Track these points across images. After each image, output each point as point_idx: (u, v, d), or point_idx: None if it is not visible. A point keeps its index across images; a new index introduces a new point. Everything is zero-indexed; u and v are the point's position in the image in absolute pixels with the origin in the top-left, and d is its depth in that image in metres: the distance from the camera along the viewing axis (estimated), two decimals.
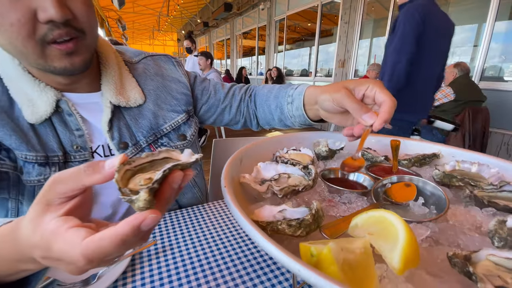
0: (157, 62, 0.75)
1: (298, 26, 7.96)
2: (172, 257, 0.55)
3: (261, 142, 0.57)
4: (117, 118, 0.65)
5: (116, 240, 0.22)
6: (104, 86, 0.63)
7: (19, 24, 0.44)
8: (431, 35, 1.53)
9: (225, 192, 0.33)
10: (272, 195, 0.40)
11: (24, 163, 0.56)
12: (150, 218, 0.23)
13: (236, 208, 0.28)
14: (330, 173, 0.47)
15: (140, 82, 0.69)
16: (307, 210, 0.33)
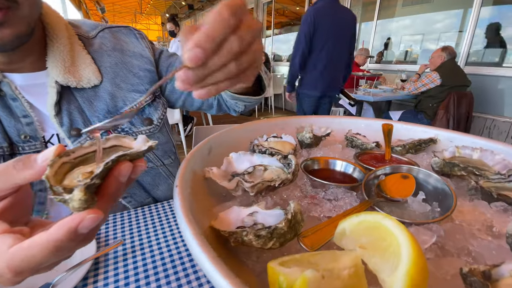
0: (115, 35, 0.65)
1: (286, 9, 7.72)
2: (142, 258, 0.49)
3: (236, 128, 0.49)
4: (67, 100, 0.55)
5: (48, 247, 0.19)
6: (50, 63, 0.53)
7: None
8: (324, 32, 1.95)
9: (176, 193, 0.25)
10: (243, 193, 0.33)
11: None
12: (88, 219, 0.20)
13: (184, 218, 0.21)
14: (314, 164, 0.40)
15: (96, 60, 0.60)
16: (282, 213, 0.26)
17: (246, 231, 0.23)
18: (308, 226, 0.26)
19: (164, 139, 0.70)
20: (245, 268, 0.23)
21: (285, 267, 0.18)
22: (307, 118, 0.57)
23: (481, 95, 3.09)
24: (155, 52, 0.71)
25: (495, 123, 3.12)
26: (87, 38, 0.61)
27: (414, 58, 4.43)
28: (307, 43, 2.01)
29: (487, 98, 3.12)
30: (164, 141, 0.70)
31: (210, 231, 0.25)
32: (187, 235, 0.19)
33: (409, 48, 4.56)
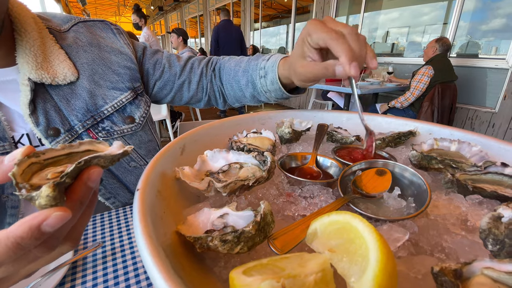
0: (91, 30, 0.61)
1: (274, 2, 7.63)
2: (122, 260, 0.47)
3: (213, 124, 0.47)
4: (42, 98, 0.52)
5: (7, 244, 0.18)
6: (20, 59, 0.50)
7: None
8: (224, 37, 3.58)
9: (136, 198, 0.23)
10: (216, 193, 0.31)
11: None
12: (54, 217, 0.19)
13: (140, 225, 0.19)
14: (292, 160, 0.39)
15: (70, 55, 0.56)
16: (252, 215, 0.25)
17: (211, 236, 0.22)
18: (283, 225, 0.25)
19: (147, 138, 0.68)
20: (211, 276, 0.21)
21: (247, 275, 0.17)
22: (289, 112, 0.55)
23: (464, 86, 3.16)
24: (136, 48, 0.67)
25: (477, 114, 3.21)
26: (59, 31, 0.57)
27: (401, 51, 4.48)
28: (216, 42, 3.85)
29: (470, 89, 3.20)
30: (148, 139, 0.68)
31: (176, 236, 0.24)
32: (141, 247, 0.17)
33: (396, 41, 4.61)
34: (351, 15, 4.93)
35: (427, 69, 2.69)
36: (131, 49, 0.65)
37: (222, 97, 0.75)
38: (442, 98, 2.76)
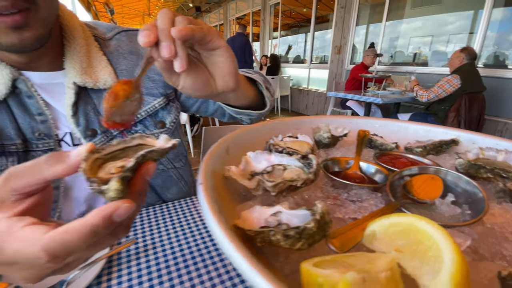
0: (132, 39, 0.66)
1: (293, 11, 7.72)
2: (154, 257, 0.49)
3: (251, 128, 0.48)
4: (84, 101, 0.56)
5: (85, 232, 0.20)
6: (67, 64, 0.54)
7: None
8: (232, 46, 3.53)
9: (200, 190, 0.25)
10: (263, 192, 0.32)
11: None
12: (123, 208, 0.21)
13: (212, 214, 0.20)
14: (334, 164, 0.39)
15: (112, 61, 0.60)
16: (308, 214, 0.25)
17: (273, 231, 0.22)
18: (335, 227, 0.25)
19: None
20: (274, 268, 0.22)
21: (320, 268, 0.18)
22: (322, 118, 0.56)
23: (494, 97, 3.02)
24: None
25: (507, 127, 3.04)
26: (103, 39, 0.62)
27: (423, 60, 4.37)
28: None
29: (500, 100, 3.05)
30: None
31: (233, 230, 0.25)
32: (218, 234, 0.18)
33: (418, 50, 4.51)
34: (372, 24, 4.90)
35: (452, 77, 2.60)
36: None
37: None
38: (469, 109, 2.65)
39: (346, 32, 4.82)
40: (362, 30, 4.89)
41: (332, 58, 5.21)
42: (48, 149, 0.53)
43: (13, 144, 0.50)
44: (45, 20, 0.45)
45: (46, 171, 0.22)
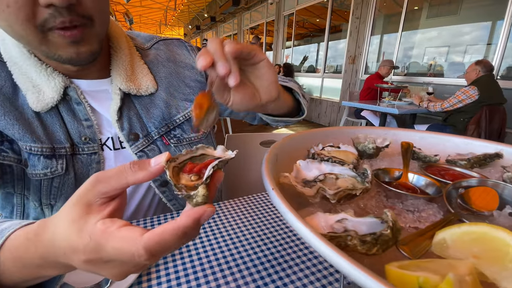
0: (169, 47, 0.70)
1: (306, 21, 7.82)
2: (188, 254, 0.52)
3: (293, 137, 0.50)
4: (127, 107, 0.59)
5: (179, 233, 0.22)
6: (114, 72, 0.58)
7: (15, 5, 0.39)
8: None
9: (274, 196, 0.27)
10: (321, 200, 0.34)
11: (29, 155, 0.51)
12: (208, 212, 0.23)
13: (297, 218, 0.22)
14: (384, 175, 0.40)
15: (152, 69, 0.64)
16: (378, 221, 0.27)
17: (350, 235, 0.24)
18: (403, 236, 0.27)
19: None
20: None
21: (408, 270, 0.19)
22: (360, 129, 0.57)
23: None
24: None
25: None
26: (143, 49, 0.66)
27: (438, 71, 4.32)
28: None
29: None
30: None
31: None
32: (312, 239, 0.20)
33: (432, 61, 4.47)
34: (386, 34, 4.91)
35: (469, 88, 2.56)
36: None
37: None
38: (490, 121, 2.60)
39: (361, 42, 4.84)
40: (376, 40, 4.90)
41: (346, 68, 5.22)
42: (92, 153, 0.56)
43: (63, 148, 0.53)
44: (99, 35, 0.49)
45: (130, 177, 0.24)
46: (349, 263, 0.17)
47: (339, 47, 6.20)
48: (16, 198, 0.56)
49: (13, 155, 0.51)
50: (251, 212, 0.67)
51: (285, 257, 0.51)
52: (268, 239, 0.56)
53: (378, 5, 4.58)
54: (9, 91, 0.50)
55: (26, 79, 0.51)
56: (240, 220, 0.63)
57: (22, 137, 0.50)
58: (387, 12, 4.83)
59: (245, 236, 0.57)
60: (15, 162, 0.51)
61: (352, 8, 4.93)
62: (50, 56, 0.47)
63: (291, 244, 0.55)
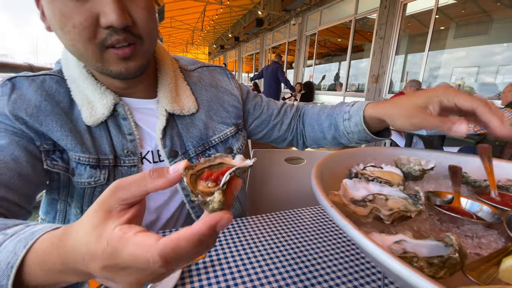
0: (212, 73, 0.75)
1: (328, 41, 7.95)
2: (222, 273, 0.51)
3: (335, 155, 0.51)
4: (171, 126, 0.64)
5: (194, 240, 0.21)
6: (160, 93, 0.63)
7: (81, 27, 0.44)
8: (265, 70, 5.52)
9: (335, 213, 0.28)
10: (373, 220, 0.34)
11: (77, 165, 0.56)
12: (225, 219, 0.23)
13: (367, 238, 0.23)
14: (434, 197, 0.40)
15: (194, 91, 0.69)
16: (441, 245, 0.27)
17: (416, 257, 0.24)
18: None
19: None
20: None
21: None
22: (399, 149, 0.57)
23: None
24: (242, 91, 0.79)
25: None
26: (186, 70, 0.71)
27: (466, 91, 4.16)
28: (260, 75, 5.84)
29: None
30: None
31: None
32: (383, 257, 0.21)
33: (460, 81, 4.32)
34: (410, 54, 4.85)
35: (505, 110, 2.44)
36: (239, 91, 0.77)
37: (302, 139, 0.83)
38: None
39: (385, 61, 4.81)
40: (400, 60, 4.85)
41: (369, 87, 5.18)
42: (133, 165, 0.60)
43: (107, 159, 0.57)
44: (146, 52, 0.54)
45: (149, 184, 0.24)
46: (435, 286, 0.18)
47: (360, 65, 6.20)
48: (60, 204, 0.61)
49: (62, 164, 0.56)
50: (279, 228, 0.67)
51: (314, 272, 0.51)
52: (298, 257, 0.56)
53: (403, 26, 4.58)
54: (66, 106, 0.56)
55: (83, 96, 0.56)
56: (269, 236, 0.63)
57: (73, 147, 0.54)
58: (412, 32, 4.81)
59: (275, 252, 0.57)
60: (63, 170, 0.56)
61: (375, 28, 4.96)
62: (103, 72, 0.52)
63: (319, 261, 0.54)
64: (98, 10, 0.44)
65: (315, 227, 0.68)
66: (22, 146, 0.51)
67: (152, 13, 0.51)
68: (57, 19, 0.45)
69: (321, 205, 0.32)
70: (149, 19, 0.50)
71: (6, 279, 0.27)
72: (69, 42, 0.48)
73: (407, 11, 4.51)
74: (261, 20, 8.60)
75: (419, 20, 4.62)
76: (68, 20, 0.44)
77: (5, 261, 0.27)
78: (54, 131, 0.53)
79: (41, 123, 0.53)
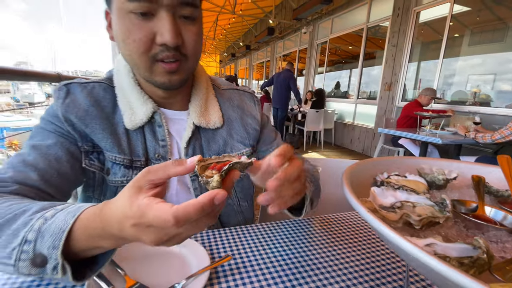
0: (241, 97, 0.80)
1: (339, 49, 7.99)
2: (247, 275, 0.54)
3: (361, 164, 0.55)
4: (195, 137, 0.69)
5: (198, 207, 0.29)
6: (191, 107, 0.69)
7: (140, 41, 0.52)
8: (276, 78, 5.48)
9: (373, 219, 0.31)
10: (402, 225, 0.37)
11: (113, 164, 0.62)
12: (221, 194, 0.31)
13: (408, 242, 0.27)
14: (459, 206, 0.43)
15: (222, 108, 0.74)
16: (469, 247, 0.30)
17: (448, 257, 0.28)
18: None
19: (248, 185, 0.80)
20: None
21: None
22: (421, 159, 0.60)
23: None
24: (263, 118, 0.83)
25: None
26: (219, 88, 0.78)
27: (483, 99, 4.09)
28: (270, 82, 5.68)
29: None
30: (248, 186, 0.80)
31: None
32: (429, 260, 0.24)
33: (476, 89, 4.24)
34: (423, 61, 4.82)
35: None
36: (260, 117, 0.81)
37: None
38: None
39: (397, 69, 4.80)
40: (413, 67, 4.83)
41: (381, 95, 5.16)
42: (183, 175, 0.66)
43: (139, 161, 0.63)
44: (189, 69, 0.61)
45: (172, 170, 0.33)
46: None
47: (372, 73, 6.19)
48: (94, 201, 0.66)
49: (98, 164, 0.62)
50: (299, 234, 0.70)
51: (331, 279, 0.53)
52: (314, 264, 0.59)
53: (416, 33, 4.57)
54: (110, 111, 0.63)
55: (126, 102, 0.64)
56: (289, 242, 0.66)
57: (111, 148, 0.61)
58: (425, 39, 4.79)
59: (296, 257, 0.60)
60: (98, 170, 0.62)
61: (388, 36, 4.97)
62: (149, 80, 0.59)
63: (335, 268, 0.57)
64: (157, 29, 0.52)
65: (335, 233, 0.71)
66: (65, 147, 0.59)
67: (200, 37, 0.58)
68: (122, 32, 0.53)
69: (357, 211, 0.35)
70: (196, 42, 0.57)
71: (59, 241, 0.35)
72: (127, 52, 0.55)
73: (420, 18, 4.51)
74: (272, 29, 8.75)
75: (433, 27, 4.60)
76: (131, 34, 0.52)
77: (58, 227, 0.35)
78: (96, 133, 0.60)
79: (87, 125, 0.60)
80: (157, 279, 0.50)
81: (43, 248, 0.35)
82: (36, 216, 0.38)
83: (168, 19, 0.51)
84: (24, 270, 0.35)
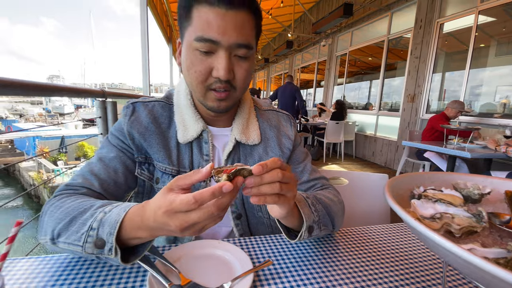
0: (279, 118, 0.87)
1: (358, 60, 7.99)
2: (287, 280, 0.56)
3: (399, 178, 0.61)
4: (235, 151, 0.77)
5: (210, 190, 0.39)
6: (234, 124, 0.78)
7: (199, 73, 0.62)
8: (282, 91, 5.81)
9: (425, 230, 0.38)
10: (444, 233, 0.43)
11: (162, 174, 0.72)
12: (228, 184, 0.40)
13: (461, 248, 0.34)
14: (494, 218, 0.48)
15: (261, 127, 0.82)
16: (504, 251, 0.36)
17: (486, 258, 0.34)
18: None
19: None
20: None
21: None
22: (456, 175, 0.65)
23: None
24: (296, 139, 0.87)
25: None
26: (260, 109, 0.86)
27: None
28: (274, 96, 5.95)
29: None
30: None
31: None
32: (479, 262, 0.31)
33: (505, 100, 4.09)
34: (448, 72, 4.73)
35: None
36: (293, 138, 0.85)
37: None
38: None
39: (421, 81, 4.73)
40: (437, 77, 4.74)
41: (404, 106, 5.08)
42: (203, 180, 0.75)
43: (185, 171, 0.69)
44: (236, 98, 0.69)
45: (194, 177, 0.41)
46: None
47: (392, 84, 6.12)
48: None
49: (147, 174, 0.72)
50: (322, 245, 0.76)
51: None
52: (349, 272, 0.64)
53: (439, 44, 4.52)
54: (166, 126, 0.72)
55: (181, 119, 0.72)
56: (323, 252, 0.68)
57: (163, 160, 0.69)
58: (449, 50, 4.72)
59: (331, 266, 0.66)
60: (147, 178, 0.72)
61: (410, 48, 4.94)
62: (202, 103, 0.68)
63: (370, 278, 0.62)
64: (214, 65, 0.61)
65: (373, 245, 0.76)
66: (122, 161, 0.69)
67: (249, 73, 0.65)
68: (188, 63, 0.63)
69: (404, 220, 0.42)
70: (246, 76, 0.65)
71: (114, 229, 0.46)
72: (189, 79, 0.65)
73: (443, 29, 4.47)
74: (291, 42, 8.94)
75: (457, 38, 4.53)
76: (194, 66, 0.61)
77: (114, 219, 0.47)
78: (152, 146, 0.69)
79: (145, 140, 0.69)
80: (206, 279, 0.53)
81: (103, 234, 0.46)
82: (98, 210, 0.50)
83: (224, 58, 0.59)
84: (89, 250, 0.47)
